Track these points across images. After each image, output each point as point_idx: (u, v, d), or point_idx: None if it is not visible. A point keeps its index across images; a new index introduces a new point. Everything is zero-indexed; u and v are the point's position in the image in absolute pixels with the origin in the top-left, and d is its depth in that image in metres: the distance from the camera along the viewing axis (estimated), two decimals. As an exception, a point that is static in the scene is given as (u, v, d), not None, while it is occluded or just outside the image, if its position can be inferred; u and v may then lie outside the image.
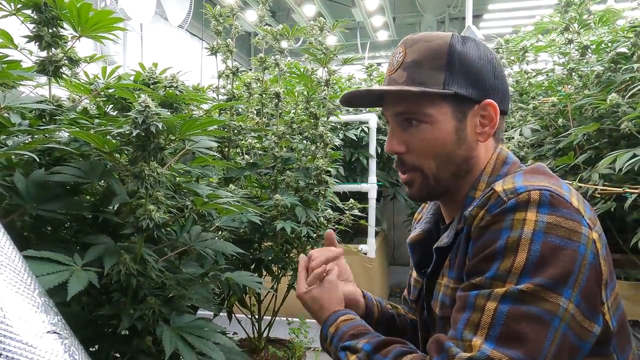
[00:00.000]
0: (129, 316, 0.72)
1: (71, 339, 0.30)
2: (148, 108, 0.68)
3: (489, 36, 2.82)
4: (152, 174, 0.70)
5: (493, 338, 0.60)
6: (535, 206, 0.64)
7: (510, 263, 0.62)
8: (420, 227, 0.93)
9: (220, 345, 0.74)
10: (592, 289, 0.63)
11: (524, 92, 2.53)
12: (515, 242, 0.62)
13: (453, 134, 0.76)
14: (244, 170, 1.46)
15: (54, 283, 0.56)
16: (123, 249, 0.74)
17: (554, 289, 0.60)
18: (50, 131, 0.74)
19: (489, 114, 0.77)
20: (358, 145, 2.75)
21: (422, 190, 0.79)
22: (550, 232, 0.62)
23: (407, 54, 0.77)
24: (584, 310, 0.62)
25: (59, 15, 0.87)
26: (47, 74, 0.89)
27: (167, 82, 0.87)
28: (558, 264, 0.61)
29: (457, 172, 0.78)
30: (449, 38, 0.76)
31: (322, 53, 1.37)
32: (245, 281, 1.01)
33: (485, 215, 0.67)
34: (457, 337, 0.63)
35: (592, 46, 2.10)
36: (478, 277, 0.65)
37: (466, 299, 0.65)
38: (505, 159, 0.80)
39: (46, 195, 0.71)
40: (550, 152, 2.13)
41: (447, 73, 0.74)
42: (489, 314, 0.61)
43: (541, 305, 0.59)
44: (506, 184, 0.69)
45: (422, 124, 0.75)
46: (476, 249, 0.68)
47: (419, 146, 0.76)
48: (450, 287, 0.76)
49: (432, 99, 0.74)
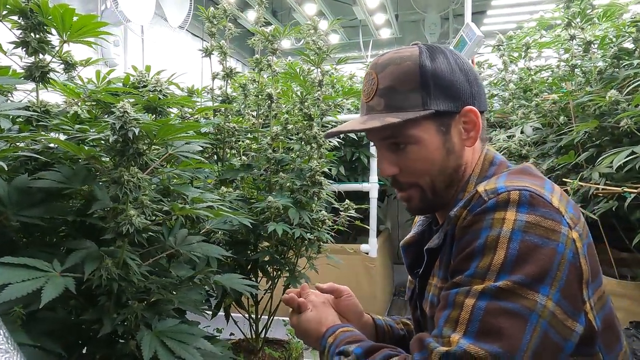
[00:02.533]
0: (111, 320, 0.73)
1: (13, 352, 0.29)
2: (126, 113, 0.68)
3: (492, 32, 2.79)
4: (131, 179, 0.70)
5: (471, 333, 0.61)
6: (514, 206, 0.65)
7: (489, 261, 0.63)
8: (414, 230, 0.95)
9: (202, 350, 0.74)
10: (572, 287, 0.64)
11: (527, 89, 2.50)
12: (494, 240, 0.64)
13: (441, 149, 0.77)
14: (238, 172, 1.46)
15: (27, 290, 0.56)
16: (107, 254, 0.74)
17: (531, 286, 0.61)
18: (28, 138, 0.75)
19: (470, 120, 0.78)
20: (359, 145, 2.74)
21: (421, 204, 0.81)
22: (529, 231, 0.63)
23: (380, 80, 0.77)
24: (566, 309, 0.62)
25: (45, 21, 0.87)
26: (34, 80, 0.90)
27: (151, 86, 0.87)
28: (536, 262, 0.62)
29: (451, 182, 0.80)
30: (417, 56, 0.76)
31: (315, 53, 1.36)
32: (235, 284, 1.01)
33: (467, 215, 0.69)
34: (437, 334, 0.65)
35: (595, 42, 2.07)
36: (459, 276, 0.67)
37: (447, 297, 0.67)
38: (492, 160, 0.82)
39: (28, 201, 0.72)
40: (553, 150, 2.09)
41: (424, 93, 0.75)
42: (467, 309, 0.62)
43: (519, 302, 0.60)
44: (488, 185, 0.71)
45: (408, 146, 0.77)
46: (459, 249, 0.69)
47: (410, 167, 0.78)
48: (438, 287, 0.78)
49: (414, 121, 0.75)
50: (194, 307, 0.89)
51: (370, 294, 2.56)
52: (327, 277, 2.35)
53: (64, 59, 1.12)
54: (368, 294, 2.55)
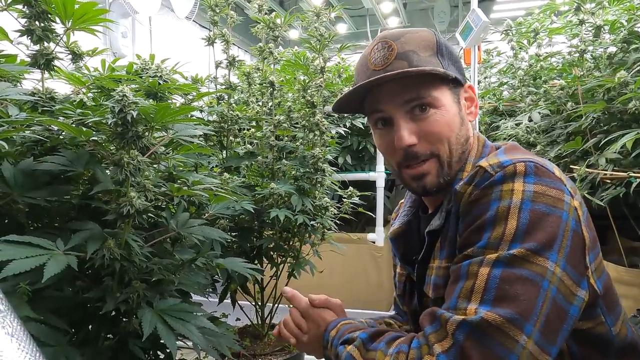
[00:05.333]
0: (114, 299, 0.75)
1: (6, 312, 0.31)
2: (125, 97, 0.70)
3: (501, 20, 2.75)
4: (131, 161, 0.72)
5: (488, 301, 0.61)
6: (521, 177, 0.67)
7: (502, 231, 0.64)
8: (399, 221, 0.95)
9: (204, 329, 0.76)
10: (575, 253, 0.65)
11: (536, 76, 2.46)
12: (505, 211, 0.65)
13: (457, 115, 0.79)
14: (242, 160, 1.48)
15: (30, 266, 0.58)
16: (110, 235, 0.77)
17: (542, 252, 0.62)
18: (27, 121, 0.77)
19: (470, 96, 0.83)
20: (366, 134, 2.74)
21: (437, 178, 0.79)
22: (537, 200, 0.65)
23: (398, 46, 0.77)
24: (571, 275, 0.64)
25: (48, 9, 0.89)
26: (40, 68, 0.92)
27: (152, 72, 0.89)
28: (545, 229, 0.63)
29: (462, 154, 0.80)
30: (429, 30, 0.81)
31: (317, 40, 1.36)
32: (237, 268, 1.03)
33: (474, 191, 0.70)
34: (451, 307, 0.65)
35: (606, 26, 2.02)
36: (470, 248, 0.67)
37: (459, 270, 0.67)
38: (484, 142, 0.84)
39: (33, 184, 0.74)
40: (562, 138, 2.07)
41: (441, 59, 0.78)
42: (482, 278, 0.63)
43: (531, 268, 0.62)
44: (491, 160, 0.72)
45: (430, 109, 0.77)
46: (466, 224, 0.70)
47: (432, 132, 0.77)
48: (442, 267, 0.77)
49: (434, 82, 0.76)
50: (196, 288, 0.91)
51: (377, 282, 2.58)
52: (335, 266, 2.36)
53: (71, 49, 1.15)
54: (375, 283, 2.56)
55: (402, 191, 3.75)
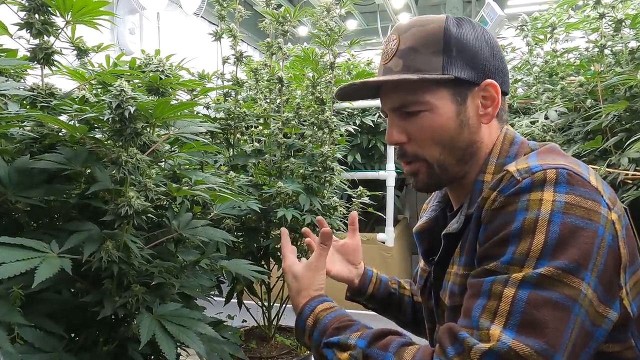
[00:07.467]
0: (112, 303, 0.72)
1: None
2: (123, 92, 0.66)
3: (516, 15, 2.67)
4: (129, 159, 0.68)
5: (513, 326, 0.56)
6: (552, 185, 0.60)
7: (528, 246, 0.59)
8: (427, 216, 0.91)
9: (204, 335, 0.73)
10: (609, 272, 0.59)
11: (553, 72, 2.38)
12: (532, 223, 0.59)
13: (454, 119, 0.73)
14: (249, 158, 1.44)
15: (20, 270, 0.55)
16: (108, 236, 0.73)
17: (574, 272, 0.56)
18: (21, 117, 0.74)
19: (490, 95, 0.74)
20: (375, 132, 2.69)
21: (427, 179, 0.77)
22: (569, 212, 0.58)
23: (401, 40, 0.74)
24: (600, 295, 0.58)
25: (47, 2, 0.86)
26: (39, 62, 0.89)
27: (153, 67, 0.85)
28: (578, 245, 0.57)
29: (462, 157, 0.75)
30: (443, 21, 0.74)
31: (326, 34, 1.32)
32: (242, 270, 0.99)
33: (498, 197, 0.64)
34: (472, 326, 0.60)
35: (627, 20, 1.94)
36: (492, 262, 0.62)
37: (480, 285, 0.62)
38: (512, 140, 0.77)
39: (29, 182, 0.71)
40: (579, 136, 2.00)
41: (445, 57, 0.72)
42: (507, 301, 0.57)
43: (562, 291, 0.56)
44: (520, 164, 0.66)
45: (421, 112, 0.73)
46: (489, 233, 0.64)
47: (420, 134, 0.74)
48: (460, 275, 0.72)
49: (428, 86, 0.72)
50: (198, 291, 0.88)
51: (386, 283, 2.53)
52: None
53: (76, 45, 1.12)
54: (384, 284, 2.52)
55: (412, 190, 3.70)
